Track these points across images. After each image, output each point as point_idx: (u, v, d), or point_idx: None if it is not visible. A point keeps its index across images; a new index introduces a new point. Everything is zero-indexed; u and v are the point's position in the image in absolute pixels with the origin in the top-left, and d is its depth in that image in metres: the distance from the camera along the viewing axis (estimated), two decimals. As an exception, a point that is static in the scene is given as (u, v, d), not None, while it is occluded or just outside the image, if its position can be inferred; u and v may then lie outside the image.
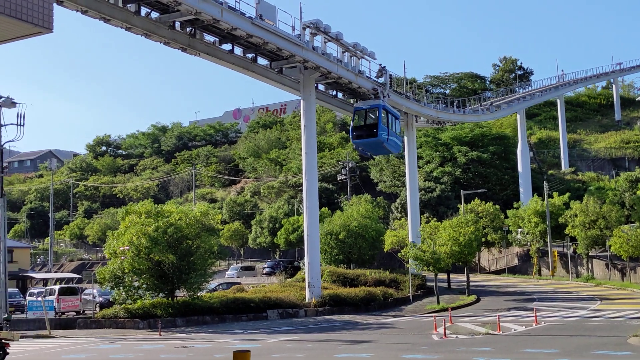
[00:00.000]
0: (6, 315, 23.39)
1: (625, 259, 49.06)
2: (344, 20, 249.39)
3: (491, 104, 73.93)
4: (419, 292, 43.55)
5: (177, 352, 21.60)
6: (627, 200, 60.54)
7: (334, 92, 45.21)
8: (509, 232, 62.18)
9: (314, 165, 40.15)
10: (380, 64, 43.76)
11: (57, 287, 41.35)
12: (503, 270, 65.25)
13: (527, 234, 59.13)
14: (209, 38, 34.28)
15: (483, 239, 55.10)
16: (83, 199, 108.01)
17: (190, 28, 32.71)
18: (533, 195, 63.94)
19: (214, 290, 43.33)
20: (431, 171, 73.47)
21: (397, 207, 68.02)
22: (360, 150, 42.78)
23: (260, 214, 76.27)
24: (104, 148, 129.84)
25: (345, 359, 18.78)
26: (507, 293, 45.89)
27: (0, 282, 33.48)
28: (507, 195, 71.52)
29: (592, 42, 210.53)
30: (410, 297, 41.14)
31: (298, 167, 73.03)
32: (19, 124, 32.98)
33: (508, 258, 66.18)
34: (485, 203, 62.37)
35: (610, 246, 49.12)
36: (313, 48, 37.82)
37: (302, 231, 44.66)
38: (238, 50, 36.06)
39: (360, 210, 52.67)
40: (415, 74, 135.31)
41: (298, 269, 54.86)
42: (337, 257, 49.61)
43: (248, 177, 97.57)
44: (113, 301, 35.34)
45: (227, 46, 35.34)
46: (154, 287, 34.22)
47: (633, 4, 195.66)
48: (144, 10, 30.44)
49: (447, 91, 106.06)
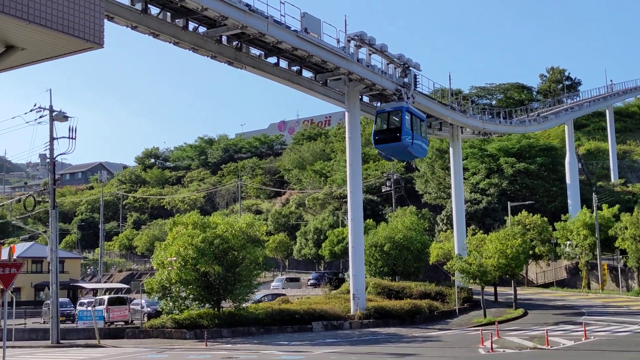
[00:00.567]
0: None
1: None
2: (387, 32, 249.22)
3: (538, 115, 72.92)
4: (465, 305, 43.09)
5: (223, 363, 21.79)
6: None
7: (378, 104, 45.20)
8: (557, 244, 61.14)
9: (358, 177, 40.16)
10: (404, 63, 40.92)
11: (106, 297, 42.10)
12: (551, 284, 64.15)
13: (576, 246, 58.06)
14: (255, 51, 34.70)
15: (530, 252, 54.24)
16: (132, 211, 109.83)
17: (237, 42, 33.16)
18: (582, 208, 62.76)
19: (259, 301, 43.59)
20: (477, 183, 72.74)
21: (443, 219, 67.50)
22: (383, 156, 40.77)
23: (305, 225, 76.50)
24: (153, 160, 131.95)
25: (390, 371, 18.72)
26: (555, 307, 45.10)
27: (52, 292, 34.28)
28: (555, 207, 70.35)
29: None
30: (457, 310, 40.73)
31: (343, 179, 73.14)
32: (70, 137, 33.88)
33: (556, 271, 65.05)
34: (533, 215, 61.42)
35: (662, 260, 47.90)
36: (358, 60, 37.92)
37: (347, 243, 44.66)
38: (283, 63, 36.39)
39: (405, 222, 52.42)
40: (460, 85, 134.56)
41: (343, 280, 54.80)
42: (381, 269, 49.41)
43: (293, 189, 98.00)
44: (160, 311, 35.84)
45: (272, 59, 35.70)
46: (200, 298, 34.57)
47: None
48: (191, 25, 31.00)
49: (493, 102, 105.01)
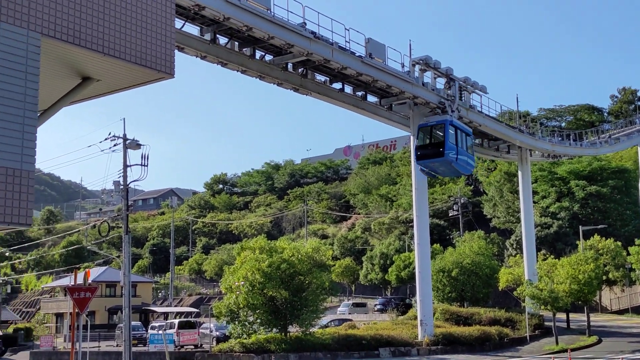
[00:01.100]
0: None
1: None
2: (453, 58, 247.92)
3: (610, 137, 71.02)
4: (537, 332, 42.09)
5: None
6: None
7: (444, 128, 44.97)
8: (632, 270, 59.07)
9: (424, 201, 39.94)
10: (448, 74, 39.30)
11: (176, 321, 42.89)
12: (626, 310, 61.95)
13: (653, 271, 56.02)
14: (320, 77, 35.13)
15: (604, 277, 52.61)
16: (201, 235, 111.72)
17: (302, 69, 33.65)
18: (658, 231, 60.65)
19: (325, 326, 43.58)
20: (547, 206, 71.13)
21: (512, 244, 66.23)
22: (426, 172, 38.39)
23: (371, 250, 76.24)
24: (221, 186, 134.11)
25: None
26: (631, 334, 43.53)
27: (125, 315, 35.15)
28: (629, 232, 68.07)
29: None
30: (527, 337, 39.82)
31: (409, 203, 72.67)
32: (142, 164, 34.90)
33: (632, 297, 62.82)
34: (606, 239, 59.59)
35: None
36: (422, 84, 37.93)
37: (414, 268, 44.32)
38: (348, 89, 36.69)
39: (473, 247, 51.70)
40: (528, 107, 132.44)
41: (410, 306, 54.29)
42: (449, 294, 48.77)
43: (359, 213, 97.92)
44: (229, 335, 36.26)
45: (337, 85, 36.06)
46: (267, 322, 34.82)
47: None
48: (258, 54, 31.65)
49: (563, 124, 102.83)
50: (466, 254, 49.84)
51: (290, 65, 33.21)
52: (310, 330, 35.59)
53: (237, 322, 34.85)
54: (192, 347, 40.00)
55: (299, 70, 33.63)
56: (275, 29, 28.66)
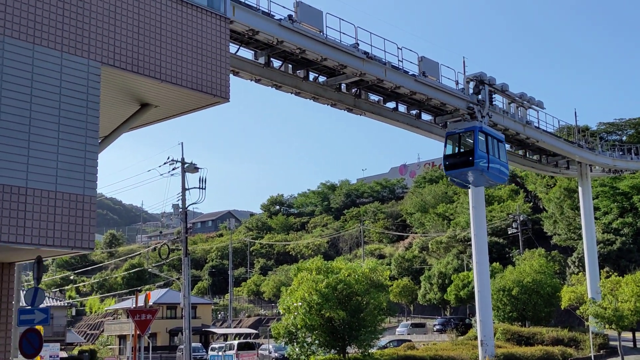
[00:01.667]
0: None
1: None
2: (508, 73, 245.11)
3: (674, 149, 69.01)
4: (601, 352, 40.93)
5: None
6: None
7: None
8: (702, 286, 56.97)
9: (482, 220, 39.46)
10: (476, 76, 37.86)
11: (235, 343, 43.30)
12: (698, 329, 59.56)
13: None
14: (373, 97, 35.20)
15: (672, 295, 50.88)
16: (259, 257, 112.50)
17: (355, 89, 33.79)
18: None
19: (384, 347, 43.28)
20: (610, 222, 69.31)
21: (574, 261, 64.68)
22: (456, 183, 36.79)
23: (429, 269, 75.49)
24: (278, 207, 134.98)
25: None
26: (703, 354, 41.92)
27: (185, 337, 35.63)
28: (698, 247, 65.79)
29: None
30: (592, 358, 38.74)
31: (466, 221, 71.80)
32: (200, 187, 35.58)
33: (703, 316, 60.37)
34: (674, 256, 57.80)
35: None
36: (477, 101, 37.66)
37: (473, 287, 43.72)
38: (402, 108, 36.63)
39: (534, 265, 50.74)
40: (587, 122, 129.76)
41: (469, 326, 53.50)
42: (510, 314, 47.90)
43: (415, 233, 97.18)
44: (288, 356, 36.33)
45: (391, 104, 36.05)
46: (325, 344, 34.72)
47: None
48: (311, 75, 31.93)
49: (624, 138, 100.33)
50: (527, 272, 48.94)
51: (343, 86, 33.38)
52: (369, 351, 35.34)
53: (295, 343, 34.87)
54: (252, 368, 40.27)
55: (353, 90, 33.77)
56: (328, 50, 28.91)
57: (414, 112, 37.31)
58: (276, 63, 30.27)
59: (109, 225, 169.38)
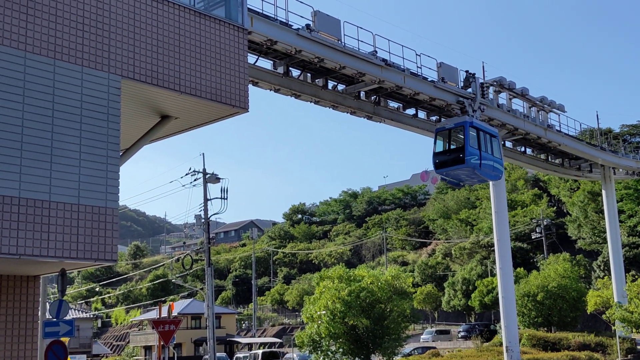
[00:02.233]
0: None
1: None
2: (528, 75, 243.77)
3: (700, 150, 68.15)
4: (629, 356, 40.40)
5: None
6: None
7: (522, 148, 44.27)
8: None
9: (505, 225, 39.17)
10: (467, 71, 35.90)
11: (260, 352, 43.39)
12: None
13: None
14: (393, 104, 35.15)
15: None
16: (282, 266, 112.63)
17: (375, 96, 33.78)
18: None
19: (409, 354, 43.11)
20: (635, 225, 68.51)
21: (599, 265, 63.98)
22: (448, 182, 34.83)
23: (453, 275, 75.10)
24: (300, 216, 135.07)
25: None
26: None
27: (210, 347, 35.77)
28: None
29: None
30: (620, 362, 38.31)
31: (489, 227, 71.37)
32: (222, 197, 35.76)
33: None
34: (701, 258, 56.97)
35: None
36: (498, 106, 37.48)
37: (497, 293, 43.43)
38: (422, 114, 36.53)
39: (559, 270, 50.29)
40: (610, 124, 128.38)
41: (494, 332, 53.09)
42: (535, 319, 47.49)
43: (438, 239, 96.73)
44: (312, 365, 36.34)
45: (410, 111, 35.96)
46: (349, 352, 34.69)
47: None
48: (330, 84, 32.00)
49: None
50: (551, 277, 48.53)
51: (362, 94, 33.39)
52: (393, 359, 35.26)
53: (319, 352, 34.88)
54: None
55: (372, 97, 33.76)
56: (346, 58, 28.95)
57: (434, 118, 37.20)
58: (295, 72, 30.37)
59: (133, 237, 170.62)
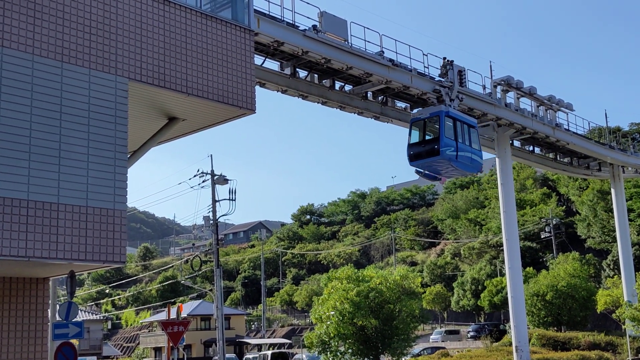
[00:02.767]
0: None
1: None
2: (537, 73, 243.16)
3: None
4: (639, 355, 40.28)
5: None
6: None
7: (530, 148, 44.16)
8: None
9: (514, 224, 39.09)
10: (444, 58, 34.12)
11: (269, 353, 43.43)
12: None
13: None
14: (400, 104, 35.12)
15: None
16: (291, 266, 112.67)
17: (382, 97, 33.77)
18: None
19: (418, 355, 43.08)
20: (644, 224, 68.22)
21: (609, 264, 63.72)
22: (423, 175, 32.50)
23: (462, 275, 74.95)
24: (308, 217, 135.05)
25: None
26: None
27: (219, 348, 35.83)
28: None
29: None
30: (630, 362, 38.16)
31: (498, 227, 71.15)
32: (230, 198, 35.82)
33: None
34: None
35: None
36: (505, 105, 37.40)
37: (506, 293, 43.35)
38: (429, 114, 36.40)
39: (568, 269, 50.15)
40: (619, 123, 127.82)
41: (504, 332, 52.98)
42: (545, 319, 47.37)
43: (447, 239, 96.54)
44: (321, 366, 36.35)
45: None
46: (359, 352, 34.68)
47: None
48: (337, 85, 32.01)
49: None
50: (561, 276, 48.40)
51: (370, 94, 33.39)
52: (403, 359, 35.22)
53: (328, 353, 34.89)
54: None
55: (379, 98, 33.75)
56: (353, 59, 28.95)
57: (441, 118, 37.05)
58: (302, 73, 30.40)
59: (142, 239, 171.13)
